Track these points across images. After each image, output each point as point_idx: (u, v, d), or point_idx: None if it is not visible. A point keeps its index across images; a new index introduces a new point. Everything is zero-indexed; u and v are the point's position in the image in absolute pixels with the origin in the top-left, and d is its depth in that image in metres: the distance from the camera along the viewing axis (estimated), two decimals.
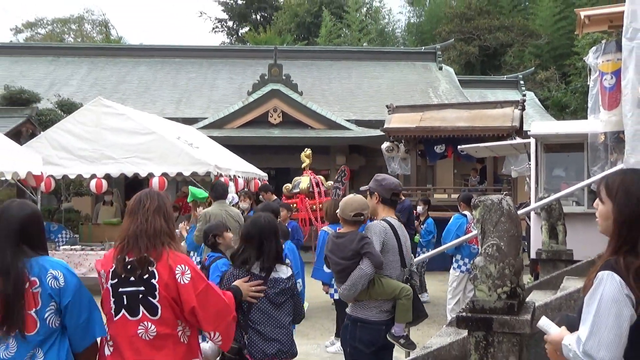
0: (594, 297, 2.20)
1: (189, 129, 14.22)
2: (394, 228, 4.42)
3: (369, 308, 4.32)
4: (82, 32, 43.63)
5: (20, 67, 23.38)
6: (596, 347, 2.14)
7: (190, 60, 24.67)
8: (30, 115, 15.17)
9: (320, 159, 19.26)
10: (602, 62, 8.19)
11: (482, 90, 24.55)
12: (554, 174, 10.73)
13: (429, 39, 33.98)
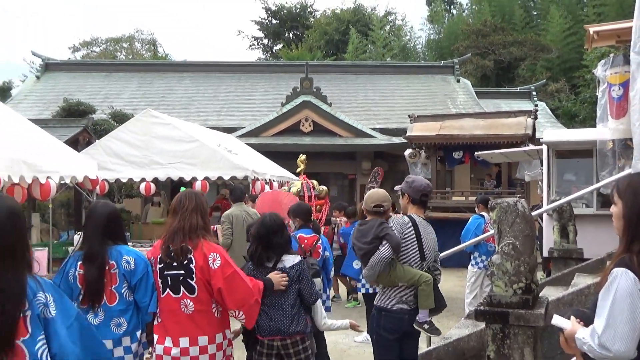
0: (608, 292, 2.17)
1: (228, 137, 14.32)
2: (415, 224, 4.34)
3: (392, 298, 4.29)
4: (133, 50, 44.17)
5: (78, 82, 23.78)
6: (612, 340, 2.11)
7: (230, 75, 24.85)
8: (87, 125, 15.38)
9: (347, 164, 19.37)
10: (611, 74, 8.07)
11: (496, 101, 24.30)
12: (565, 178, 10.60)
13: (447, 54, 33.79)
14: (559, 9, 34.83)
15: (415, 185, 4.48)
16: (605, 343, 2.12)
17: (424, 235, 4.37)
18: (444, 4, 44.07)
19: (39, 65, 25.51)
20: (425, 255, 4.34)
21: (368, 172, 18.77)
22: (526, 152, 12.64)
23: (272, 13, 45.04)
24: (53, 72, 24.83)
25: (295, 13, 44.77)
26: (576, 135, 10.11)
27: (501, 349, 4.03)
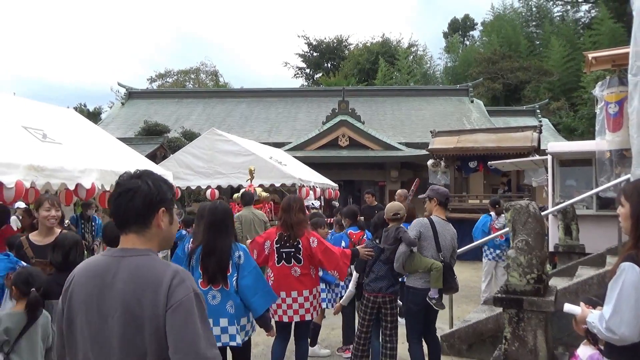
0: (616, 283, 2.13)
1: (278, 151, 14.42)
2: (433, 223, 4.75)
3: (416, 280, 4.71)
4: (199, 80, 44.92)
5: (155, 107, 24.34)
6: (617, 324, 2.07)
7: (278, 99, 25.09)
8: (163, 142, 15.73)
9: (378, 173, 19.30)
10: (607, 93, 7.85)
11: (505, 118, 23.92)
12: (567, 184, 10.35)
13: (462, 78, 33.43)
14: (559, 39, 34.14)
15: (440, 191, 5.00)
16: (612, 327, 2.09)
17: (440, 232, 4.74)
18: (459, 36, 43.68)
19: (124, 93, 26.23)
20: (441, 247, 4.70)
21: (396, 179, 18.69)
22: (533, 162, 12.39)
23: (313, 47, 45.34)
24: (135, 99, 25.49)
25: (333, 47, 44.95)
26: (577, 147, 9.84)
27: (517, 330, 3.96)
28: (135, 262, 1.74)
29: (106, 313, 1.70)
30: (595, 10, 37.81)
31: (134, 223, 1.79)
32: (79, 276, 1.82)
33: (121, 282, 1.70)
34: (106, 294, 1.71)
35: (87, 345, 1.74)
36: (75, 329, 1.78)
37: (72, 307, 1.79)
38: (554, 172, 9.70)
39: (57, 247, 3.63)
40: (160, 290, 1.67)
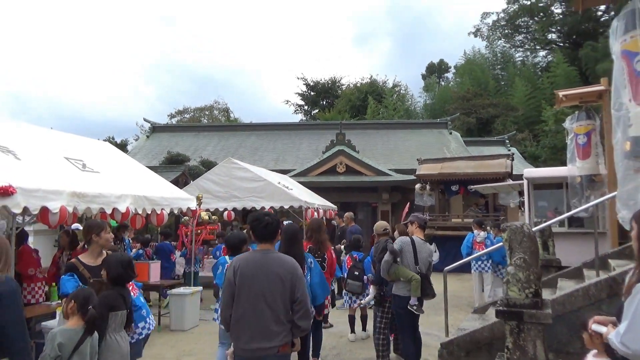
0: (632, 303, 1.96)
1: (284, 177, 14.27)
2: (413, 242, 5.26)
3: (400, 289, 5.15)
4: (212, 116, 44.95)
5: (175, 139, 24.21)
6: (631, 341, 1.91)
7: (283, 132, 25.03)
8: (184, 170, 15.56)
9: (371, 195, 19.12)
10: (576, 126, 7.81)
11: (480, 147, 23.90)
12: (539, 205, 10.22)
13: (439, 114, 33.55)
14: (521, 80, 34.49)
15: (420, 217, 5.60)
16: (626, 343, 1.93)
17: (419, 249, 5.24)
18: (436, 77, 44.07)
19: (149, 128, 26.09)
20: (418, 261, 5.19)
21: (387, 201, 18.54)
22: (510, 186, 12.29)
23: (311, 87, 45.58)
24: (158, 132, 25.37)
25: (327, 87, 45.20)
26: (550, 172, 9.76)
27: (517, 340, 3.76)
28: (275, 255, 3.24)
29: (267, 279, 3.08)
30: (551, 56, 38.32)
31: (270, 238, 3.25)
32: (243, 261, 3.18)
33: (273, 263, 3.14)
34: (266, 270, 3.10)
35: (258, 296, 3.05)
36: (245, 288, 3.07)
37: (243, 277, 3.09)
38: (529, 194, 9.58)
39: (114, 265, 3.48)
40: (289, 267, 3.16)
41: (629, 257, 6.35)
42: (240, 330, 3.05)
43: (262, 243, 3.21)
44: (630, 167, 3.50)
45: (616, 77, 3.72)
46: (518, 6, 39.80)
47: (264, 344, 2.99)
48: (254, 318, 3.01)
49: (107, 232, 4.03)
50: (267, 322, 3.01)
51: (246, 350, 3.03)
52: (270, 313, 3.02)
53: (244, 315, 3.04)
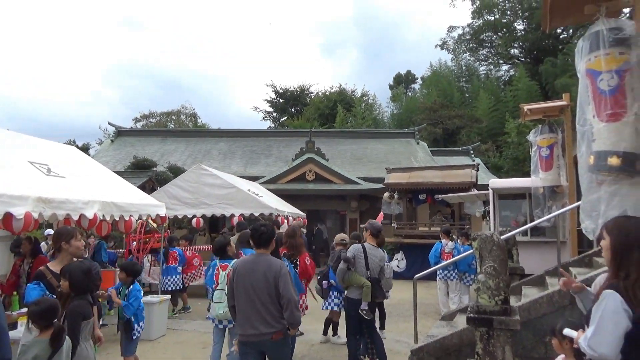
0: (599, 308, 2.07)
1: (254, 184, 14.20)
2: (364, 248, 5.63)
3: (352, 292, 5.55)
4: (179, 121, 44.22)
5: (142, 144, 23.67)
6: (598, 344, 2.02)
7: (252, 139, 24.86)
8: (151, 176, 15.23)
9: (340, 203, 19.22)
10: (540, 139, 8.09)
11: (445, 157, 24.45)
12: (503, 214, 10.55)
13: (405, 124, 34.07)
14: (485, 93, 35.53)
15: (375, 225, 5.89)
16: (593, 346, 2.03)
17: (370, 255, 5.59)
18: (403, 88, 44.85)
19: (113, 132, 25.41)
20: (369, 266, 5.56)
21: (355, 209, 18.68)
22: (475, 195, 12.62)
23: (280, 94, 45.55)
24: (123, 137, 24.74)
25: (296, 94, 45.27)
26: (514, 183, 10.10)
27: (487, 346, 3.87)
28: (266, 257, 3.85)
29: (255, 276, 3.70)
30: (514, 70, 39.73)
31: (264, 245, 3.88)
32: (241, 262, 3.93)
33: (261, 264, 3.77)
34: (256, 269, 3.74)
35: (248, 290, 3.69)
36: (239, 285, 3.73)
37: (238, 275, 3.78)
38: (495, 204, 9.88)
39: (75, 273, 3.37)
40: (276, 268, 3.73)
41: (588, 266, 6.64)
42: (239, 319, 3.79)
43: (258, 248, 3.91)
44: (594, 180, 3.66)
45: (581, 94, 3.89)
46: (482, 22, 41.15)
47: (258, 330, 3.66)
48: (248, 309, 3.69)
49: (77, 240, 3.92)
50: (259, 313, 3.66)
51: (243, 335, 3.73)
52: (260, 305, 3.66)
53: (240, 307, 3.75)
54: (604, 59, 3.63)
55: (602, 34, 3.59)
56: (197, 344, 7.16)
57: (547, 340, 2.70)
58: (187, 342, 7.30)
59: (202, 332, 7.92)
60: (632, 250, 2.11)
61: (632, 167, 3.55)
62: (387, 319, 8.20)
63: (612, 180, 3.60)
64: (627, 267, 2.10)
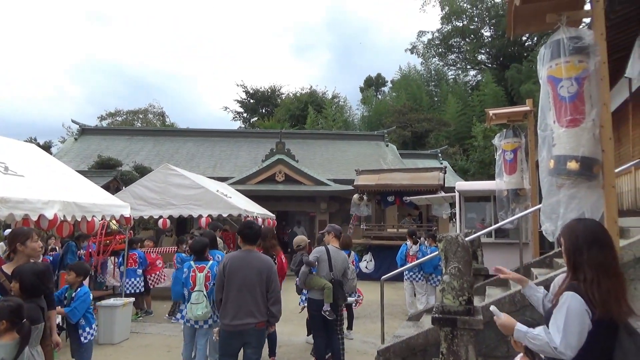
0: (561, 310, 2.12)
1: (223, 185, 14.04)
2: (328, 250, 5.71)
3: (315, 294, 5.60)
4: (147, 120, 43.31)
5: (107, 142, 23.04)
6: (566, 347, 2.07)
7: (221, 139, 24.56)
8: (116, 176, 14.86)
9: (309, 205, 19.21)
10: (504, 143, 8.31)
11: (414, 160, 24.75)
12: (469, 216, 10.77)
13: (375, 126, 34.41)
14: (454, 97, 36.24)
15: (336, 228, 6.04)
16: (562, 349, 2.08)
17: (333, 257, 5.69)
18: (373, 91, 45.24)
19: (77, 130, 24.64)
20: (332, 268, 5.64)
21: (325, 210, 18.72)
22: (443, 198, 12.83)
23: (250, 95, 45.26)
24: (88, 135, 24.02)
25: (267, 95, 45.07)
26: (479, 186, 10.32)
27: (451, 346, 3.93)
28: (256, 254, 4.26)
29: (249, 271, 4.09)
30: (481, 76, 40.69)
31: (253, 241, 4.25)
32: (232, 258, 4.19)
33: (254, 260, 4.17)
34: (249, 265, 4.12)
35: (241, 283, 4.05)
36: (232, 278, 4.07)
37: (231, 270, 4.10)
38: (461, 206, 10.07)
39: (27, 276, 3.25)
40: (269, 265, 4.20)
41: (549, 266, 6.86)
42: (227, 310, 4.07)
43: (247, 245, 4.27)
44: (554, 184, 3.79)
45: (542, 100, 4.02)
46: (451, 27, 42.00)
47: (245, 320, 4.04)
48: (238, 301, 4.04)
49: (33, 241, 3.78)
50: (248, 304, 4.05)
51: (230, 325, 4.05)
52: (250, 297, 4.05)
53: (230, 299, 4.06)
54: (564, 67, 3.77)
55: (563, 42, 3.72)
56: (162, 347, 7.02)
57: (509, 339, 2.75)
58: (152, 346, 7.14)
59: (167, 335, 7.77)
60: (582, 251, 2.17)
61: (590, 171, 3.70)
62: (355, 320, 8.25)
63: (571, 184, 3.74)
64: (582, 269, 2.16)
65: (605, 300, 2.05)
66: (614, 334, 2.08)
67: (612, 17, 5.69)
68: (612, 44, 6.23)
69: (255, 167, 19.03)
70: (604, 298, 2.06)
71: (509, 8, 4.14)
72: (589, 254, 2.15)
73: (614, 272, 2.15)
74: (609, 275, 2.11)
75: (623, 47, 6.57)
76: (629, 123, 7.28)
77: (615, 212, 3.72)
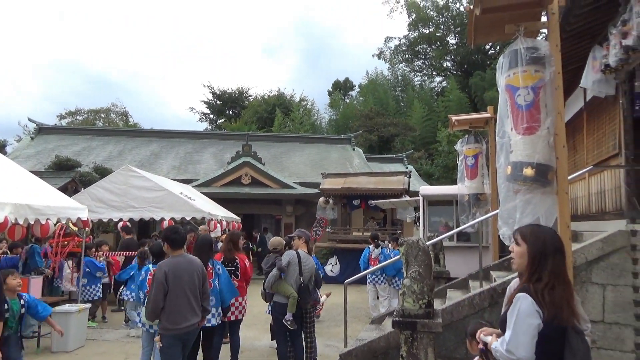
0: (513, 311, 2.17)
1: (187, 187, 13.79)
2: (299, 255, 5.77)
3: (281, 297, 5.63)
4: (109, 119, 42.15)
5: (65, 142, 22.27)
6: (515, 347, 2.11)
7: (186, 140, 24.16)
8: (74, 177, 14.37)
9: (275, 208, 19.15)
10: (466, 149, 8.50)
11: (380, 164, 25.03)
12: (433, 220, 10.95)
13: (342, 130, 34.63)
14: (419, 102, 36.89)
15: (306, 233, 6.12)
16: (511, 349, 2.12)
17: (303, 262, 5.74)
18: (341, 94, 45.54)
19: (34, 128, 23.72)
20: (302, 272, 5.68)
21: (291, 213, 18.68)
22: (407, 201, 13.01)
23: (217, 96, 44.77)
24: (45, 134, 23.13)
25: (234, 97, 44.68)
26: (442, 190, 10.52)
27: (411, 349, 3.98)
28: (190, 257, 4.51)
29: (190, 274, 4.32)
30: (446, 82, 41.62)
31: (181, 245, 4.44)
32: (171, 265, 4.27)
33: (191, 263, 4.40)
34: (187, 268, 4.33)
35: (185, 288, 4.25)
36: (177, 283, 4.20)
37: (175, 275, 4.22)
38: (424, 210, 10.24)
39: None
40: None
41: (508, 269, 7.04)
42: (175, 315, 4.19)
43: (176, 250, 4.42)
44: (511, 189, 3.89)
45: (501, 107, 4.13)
46: (418, 34, 42.79)
47: (192, 321, 4.29)
48: (184, 305, 4.24)
49: None
50: (192, 307, 4.29)
51: (178, 329, 4.19)
52: (193, 299, 4.31)
53: (177, 304, 4.20)
54: (521, 76, 3.88)
55: (521, 52, 3.83)
56: (119, 354, 6.82)
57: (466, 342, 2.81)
58: (108, 353, 6.92)
59: (124, 342, 7.55)
60: (547, 258, 2.25)
61: (544, 177, 3.82)
62: (319, 324, 8.25)
63: (527, 190, 3.85)
64: (539, 273, 2.22)
65: (556, 303, 2.13)
66: (563, 335, 2.14)
67: (568, 29, 5.92)
68: (567, 55, 6.49)
69: (221, 169, 18.81)
70: (555, 301, 2.14)
71: (469, 18, 4.24)
72: (553, 261, 2.23)
73: (566, 278, 2.26)
74: (563, 282, 2.21)
75: (578, 59, 6.84)
76: (584, 131, 7.58)
77: (567, 217, 3.85)
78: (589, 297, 4.51)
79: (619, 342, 4.37)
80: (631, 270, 4.39)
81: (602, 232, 4.78)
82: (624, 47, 4.72)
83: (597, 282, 4.50)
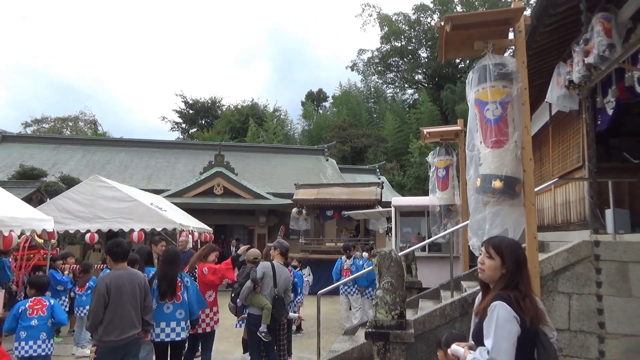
0: (491, 319, 2.20)
1: (158, 197, 13.54)
2: (273, 267, 5.69)
3: (255, 309, 5.56)
4: (77, 128, 41.11)
5: (30, 151, 21.63)
6: (497, 354, 2.14)
7: (157, 150, 23.80)
8: (39, 187, 13.94)
9: (248, 218, 19.01)
10: (437, 160, 8.65)
11: (353, 175, 25.18)
12: (405, 230, 11.07)
13: (316, 140, 34.65)
14: (392, 114, 37.35)
15: (283, 244, 6.00)
16: (494, 357, 2.15)
17: (278, 273, 5.67)
18: (314, 105, 45.73)
19: None
20: (277, 284, 5.62)
21: (264, 224, 18.57)
22: (380, 212, 13.12)
23: (189, 105, 44.33)
24: (9, 142, 22.42)
25: (207, 106, 44.31)
26: (414, 201, 10.65)
27: None
28: (132, 270, 4.56)
29: (131, 287, 4.36)
30: (418, 94, 42.34)
31: (124, 258, 4.50)
32: (112, 278, 4.33)
33: (132, 276, 4.45)
34: (129, 280, 4.38)
35: (127, 301, 4.30)
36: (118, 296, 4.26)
37: (117, 288, 4.27)
38: (396, 221, 10.34)
39: None
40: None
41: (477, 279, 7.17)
42: (112, 327, 4.22)
43: (118, 262, 4.48)
44: (480, 201, 3.98)
45: (470, 121, 4.24)
46: (390, 47, 43.49)
47: (130, 332, 4.31)
48: (124, 316, 4.28)
49: None
50: (132, 319, 4.34)
51: (117, 340, 4.22)
52: (133, 311, 4.36)
53: (116, 315, 4.24)
54: (489, 91, 4.00)
55: (489, 68, 3.95)
56: None
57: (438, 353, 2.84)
58: None
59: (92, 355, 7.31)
60: (522, 269, 2.34)
61: (512, 189, 3.93)
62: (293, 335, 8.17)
63: (496, 202, 3.95)
64: (516, 283, 2.30)
65: (533, 309, 2.22)
66: (536, 335, 2.25)
67: (534, 46, 6.15)
68: (533, 71, 6.73)
69: (193, 179, 18.58)
70: (532, 307, 2.23)
71: (440, 33, 4.35)
72: (526, 272, 2.35)
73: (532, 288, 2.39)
74: (531, 291, 2.35)
75: (544, 74, 7.10)
76: (549, 144, 7.84)
77: (534, 228, 3.97)
78: (555, 306, 4.63)
79: (584, 350, 4.49)
80: (595, 280, 4.53)
81: (568, 243, 4.93)
82: (586, 65, 4.93)
83: (563, 291, 4.63)
